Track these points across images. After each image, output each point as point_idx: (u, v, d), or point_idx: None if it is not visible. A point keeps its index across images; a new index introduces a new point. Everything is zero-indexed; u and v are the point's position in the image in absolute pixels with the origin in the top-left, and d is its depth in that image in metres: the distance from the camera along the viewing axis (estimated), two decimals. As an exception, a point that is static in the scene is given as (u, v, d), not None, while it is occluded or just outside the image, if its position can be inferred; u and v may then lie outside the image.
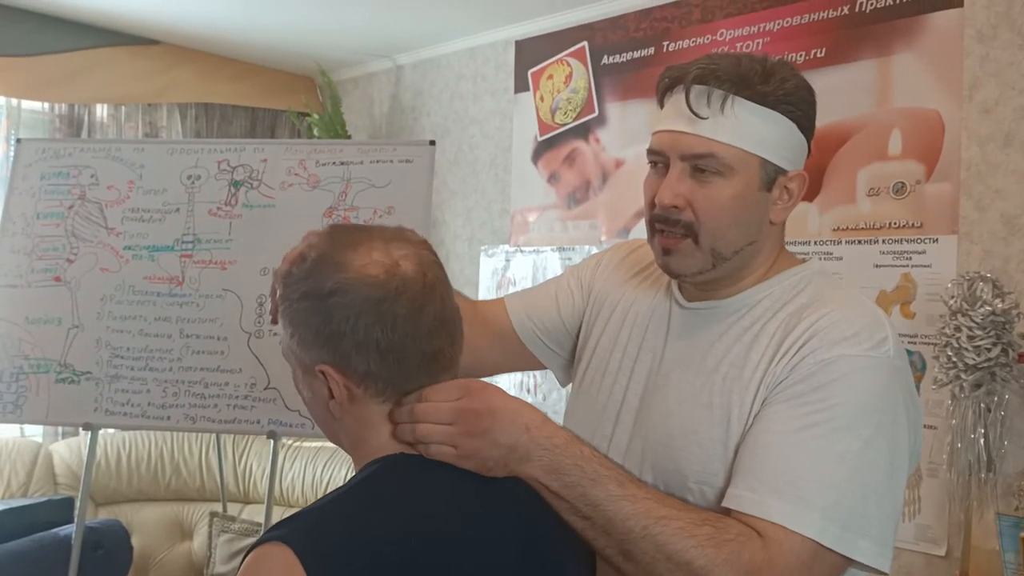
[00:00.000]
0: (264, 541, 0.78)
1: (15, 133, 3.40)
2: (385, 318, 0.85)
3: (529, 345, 1.27)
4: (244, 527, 3.20)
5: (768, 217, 1.03)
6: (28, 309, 2.42)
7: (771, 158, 0.99)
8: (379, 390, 0.88)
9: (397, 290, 0.85)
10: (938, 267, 2.30)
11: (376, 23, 3.43)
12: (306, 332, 0.88)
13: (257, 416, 2.32)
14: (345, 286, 0.85)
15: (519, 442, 0.89)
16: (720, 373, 1.00)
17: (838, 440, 0.90)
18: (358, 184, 2.43)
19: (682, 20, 2.92)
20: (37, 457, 3.32)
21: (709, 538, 0.86)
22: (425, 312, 0.87)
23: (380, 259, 0.87)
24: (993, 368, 1.99)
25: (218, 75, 3.87)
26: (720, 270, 1.03)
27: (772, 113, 0.98)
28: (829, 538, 0.87)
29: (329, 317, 0.85)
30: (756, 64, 0.99)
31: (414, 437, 0.88)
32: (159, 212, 2.47)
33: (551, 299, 1.26)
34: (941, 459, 2.16)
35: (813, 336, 0.95)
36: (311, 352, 0.88)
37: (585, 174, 3.20)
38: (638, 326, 1.13)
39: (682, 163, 0.99)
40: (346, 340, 0.85)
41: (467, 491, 0.88)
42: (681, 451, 0.99)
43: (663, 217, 1.01)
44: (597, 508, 0.88)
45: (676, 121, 1.00)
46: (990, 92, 2.25)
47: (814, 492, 0.88)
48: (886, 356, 0.94)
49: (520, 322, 1.26)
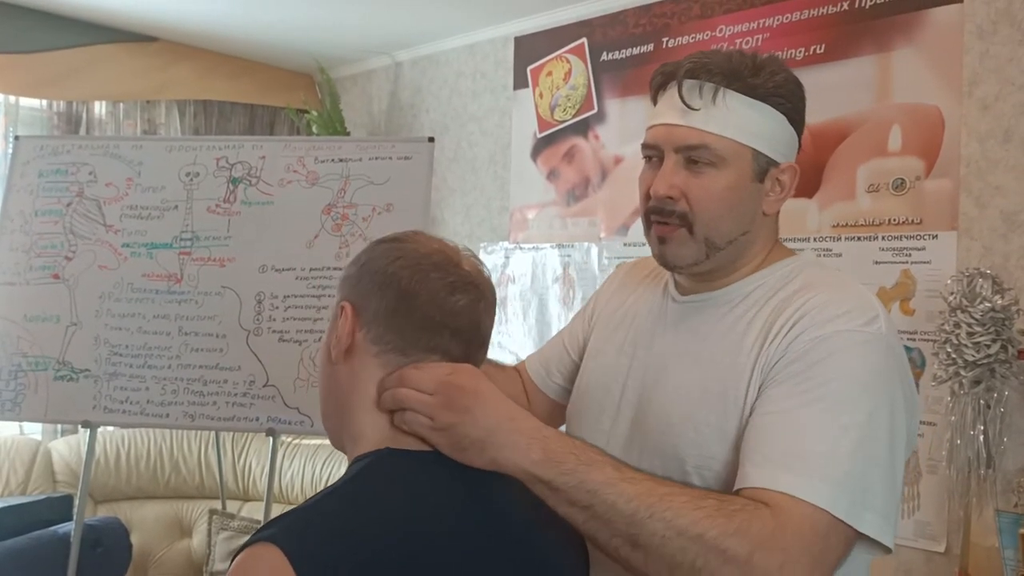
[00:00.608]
0: (253, 542, 0.77)
1: (13, 130, 3.40)
2: (419, 272, 0.89)
3: (555, 396, 1.31)
4: (243, 524, 3.20)
5: (761, 208, 1.05)
6: (26, 307, 2.42)
7: (763, 149, 1.02)
8: (377, 337, 0.89)
9: (444, 266, 0.90)
10: (938, 263, 2.29)
11: (375, 20, 3.42)
12: (354, 268, 0.93)
13: (256, 413, 2.31)
14: (412, 241, 0.93)
15: (500, 429, 0.86)
16: (715, 361, 1.02)
17: (840, 413, 0.90)
18: (357, 181, 2.43)
19: (681, 16, 2.92)
20: (36, 455, 3.32)
21: (716, 509, 0.85)
22: (455, 296, 0.90)
23: (451, 252, 0.93)
24: (993, 365, 1.99)
25: (217, 72, 3.86)
26: (714, 260, 1.04)
27: (762, 105, 1.01)
28: (841, 509, 0.87)
29: (380, 255, 0.91)
30: (746, 59, 1.02)
31: (393, 402, 0.88)
32: (157, 209, 2.46)
33: (560, 343, 1.32)
34: (940, 455, 2.16)
35: (804, 316, 0.96)
36: (344, 290, 0.93)
37: (584, 171, 3.20)
38: (635, 325, 1.15)
39: (676, 155, 1.02)
40: (377, 276, 0.90)
41: (458, 489, 0.87)
42: (679, 436, 1.01)
43: (658, 208, 1.03)
44: (597, 494, 0.85)
45: (670, 115, 1.03)
46: (990, 88, 2.24)
47: (821, 464, 0.88)
48: (879, 332, 0.95)
49: (540, 378, 1.32)
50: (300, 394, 2.27)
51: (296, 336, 2.31)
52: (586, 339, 1.26)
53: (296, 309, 2.33)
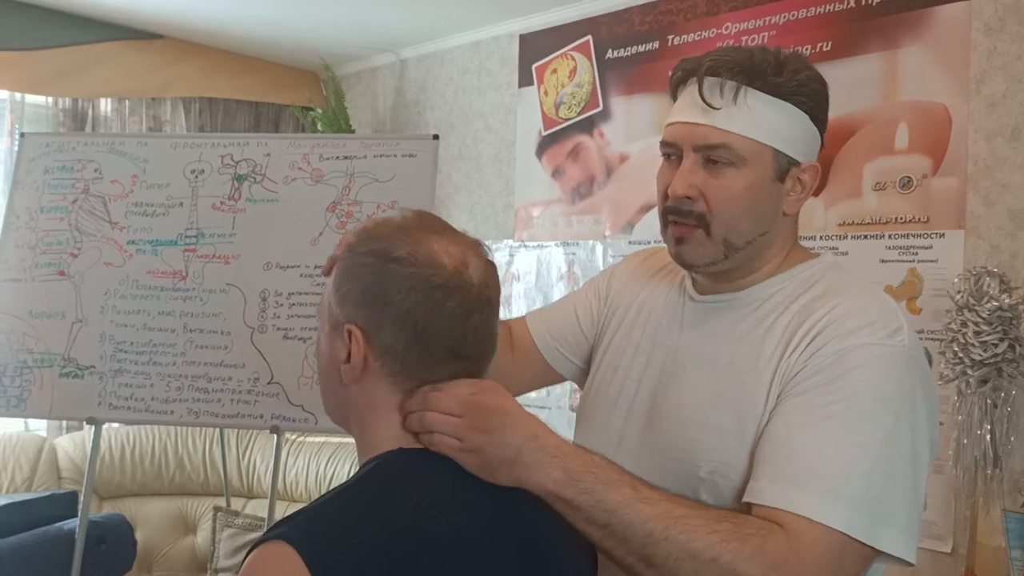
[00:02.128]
0: (266, 540, 0.76)
1: (19, 127, 3.41)
2: (434, 304, 0.85)
3: (552, 362, 1.27)
4: (248, 522, 3.20)
5: (781, 208, 1.02)
6: (32, 303, 2.42)
7: (784, 149, 0.99)
8: (394, 371, 0.87)
9: (456, 287, 0.86)
10: (944, 262, 2.28)
11: (380, 17, 3.42)
12: (354, 288, 0.88)
13: (260, 411, 2.31)
14: (413, 259, 0.86)
15: (527, 448, 0.87)
16: (733, 365, 1.00)
17: (859, 429, 0.89)
18: (361, 179, 2.42)
19: (687, 14, 2.91)
20: (41, 451, 3.32)
21: (731, 532, 0.85)
22: (470, 320, 0.87)
23: (455, 254, 0.88)
24: (1000, 364, 1.98)
25: (222, 70, 3.86)
26: (732, 260, 1.02)
27: (785, 104, 0.98)
28: (858, 530, 0.86)
29: (384, 280, 0.86)
30: (769, 56, 1.00)
31: (421, 425, 0.87)
32: (163, 206, 2.46)
33: (571, 314, 1.27)
34: (947, 455, 2.15)
35: (827, 327, 0.95)
36: (347, 309, 0.88)
37: (589, 169, 3.19)
38: (651, 322, 1.13)
39: (695, 154, 1.00)
40: (389, 309, 0.85)
41: (471, 489, 0.87)
42: (694, 441, 0.99)
43: (676, 208, 1.01)
44: (615, 514, 0.86)
45: (689, 112, 1.00)
46: (997, 86, 2.23)
47: (838, 483, 0.87)
48: (901, 345, 0.93)
49: (543, 341, 1.27)
50: (304, 391, 2.27)
51: (300, 334, 2.31)
52: (602, 322, 1.22)
53: (301, 307, 2.33)
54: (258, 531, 3.07)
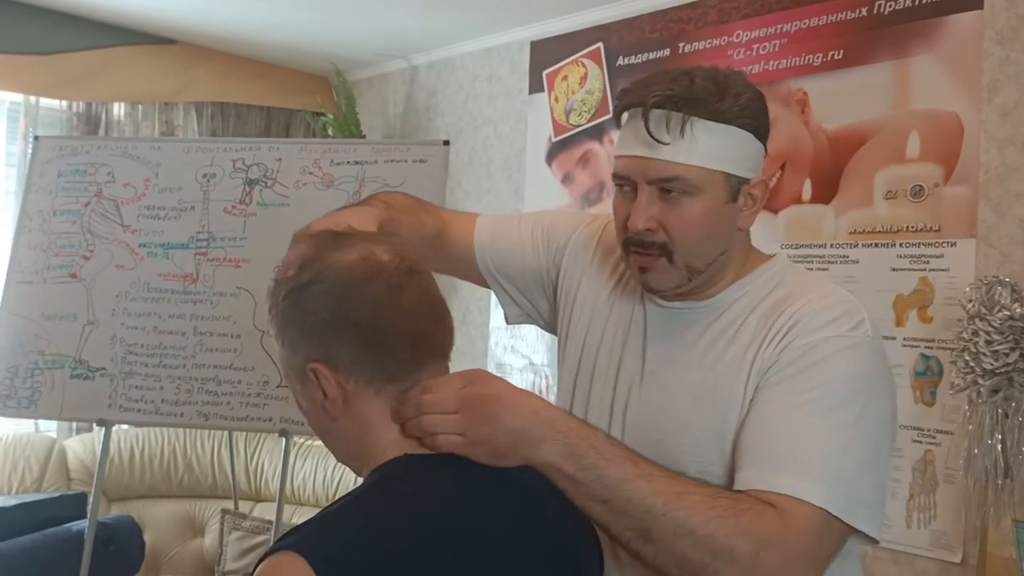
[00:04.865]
0: (276, 550, 0.76)
1: (33, 131, 3.43)
2: (360, 299, 0.86)
3: (486, 276, 1.30)
4: (255, 524, 3.21)
5: (736, 225, 1.07)
6: (44, 305, 2.44)
7: (734, 171, 1.03)
8: (368, 379, 0.87)
9: (370, 273, 0.87)
10: (956, 271, 2.27)
11: (391, 23, 3.43)
12: (291, 329, 0.89)
13: (269, 414, 2.32)
14: (322, 275, 0.87)
15: (529, 426, 0.89)
16: (705, 367, 1.04)
17: (831, 415, 0.95)
18: (372, 183, 2.43)
19: (698, 21, 2.91)
20: (51, 452, 3.34)
21: (727, 509, 0.89)
22: (405, 293, 0.87)
23: (357, 250, 0.89)
24: (1011, 373, 1.97)
25: (234, 75, 3.88)
26: (696, 282, 1.07)
27: (730, 128, 1.01)
28: (836, 507, 0.91)
29: (308, 306, 0.87)
30: (708, 83, 1.01)
31: (421, 430, 0.88)
32: (174, 210, 2.48)
33: (518, 246, 1.28)
34: (958, 465, 2.14)
35: (796, 324, 1.01)
36: (299, 352, 0.88)
37: (599, 175, 3.19)
38: (621, 326, 1.15)
39: (649, 187, 1.02)
40: (325, 327, 0.86)
41: (478, 489, 0.87)
42: (677, 445, 1.02)
43: (637, 240, 1.04)
44: (615, 489, 0.89)
45: (638, 147, 1.02)
46: (1010, 95, 2.23)
47: (815, 464, 0.93)
48: (865, 335, 1.00)
49: (482, 256, 1.29)
50: (313, 395, 2.27)
51: (310, 337, 2.32)
52: (543, 272, 1.25)
53: (310, 310, 2.33)
54: (266, 534, 3.07)
